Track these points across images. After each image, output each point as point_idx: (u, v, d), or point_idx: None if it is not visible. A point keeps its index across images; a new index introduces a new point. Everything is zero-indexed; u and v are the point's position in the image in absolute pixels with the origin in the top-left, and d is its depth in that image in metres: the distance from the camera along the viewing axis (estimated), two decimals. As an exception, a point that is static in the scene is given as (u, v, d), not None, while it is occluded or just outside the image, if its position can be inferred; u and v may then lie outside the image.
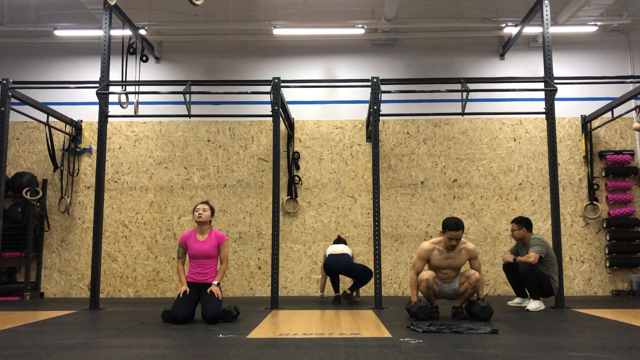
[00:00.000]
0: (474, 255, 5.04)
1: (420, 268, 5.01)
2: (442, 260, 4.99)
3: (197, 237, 5.03)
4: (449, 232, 4.91)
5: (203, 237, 5.02)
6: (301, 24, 7.86)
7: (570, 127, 7.91)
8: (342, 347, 3.51)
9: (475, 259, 5.04)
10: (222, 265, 5.05)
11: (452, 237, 4.90)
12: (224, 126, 8.00)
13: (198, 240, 5.00)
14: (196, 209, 5.04)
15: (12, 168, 7.87)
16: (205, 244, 4.98)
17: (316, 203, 7.82)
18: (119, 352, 3.45)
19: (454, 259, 4.99)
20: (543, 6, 6.38)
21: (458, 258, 5.00)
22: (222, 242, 5.03)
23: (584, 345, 3.60)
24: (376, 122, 6.27)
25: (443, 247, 4.99)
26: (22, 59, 8.28)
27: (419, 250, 5.05)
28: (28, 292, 7.31)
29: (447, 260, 4.99)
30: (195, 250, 4.97)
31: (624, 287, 7.54)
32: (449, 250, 4.98)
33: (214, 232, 5.07)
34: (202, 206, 5.05)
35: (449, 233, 4.90)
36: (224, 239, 5.06)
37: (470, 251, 5.02)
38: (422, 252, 5.03)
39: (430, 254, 5.00)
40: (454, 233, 4.89)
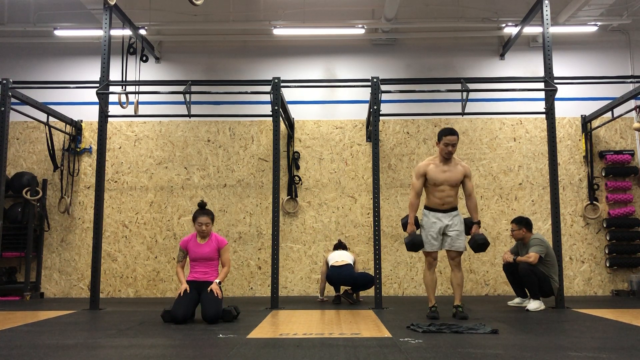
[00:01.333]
0: (469, 173, 5.11)
1: (419, 187, 5.09)
2: (438, 173, 5.02)
3: (197, 241, 5.07)
4: (444, 137, 4.97)
5: (203, 240, 5.07)
6: (301, 24, 7.86)
7: (570, 127, 7.91)
8: (342, 347, 3.51)
9: (469, 177, 5.10)
10: (224, 268, 5.09)
11: (448, 142, 4.96)
12: (224, 126, 8.00)
13: (199, 244, 5.05)
14: (198, 222, 5.02)
15: (12, 168, 7.87)
16: (206, 247, 5.04)
17: (316, 203, 7.82)
18: (119, 352, 3.45)
19: (450, 172, 5.02)
20: (543, 6, 6.38)
21: (454, 172, 5.03)
22: (222, 247, 5.08)
23: (584, 345, 3.60)
24: (376, 122, 6.27)
25: (439, 160, 5.05)
26: (22, 59, 8.28)
27: (416, 168, 5.14)
28: (28, 292, 7.31)
29: (444, 174, 5.02)
30: (196, 254, 5.03)
31: (624, 287, 7.54)
32: (445, 162, 5.02)
33: (214, 236, 5.11)
34: (205, 219, 5.02)
35: (445, 139, 4.97)
36: (224, 243, 5.10)
37: (465, 167, 5.10)
38: (419, 168, 5.11)
39: (426, 169, 5.05)
40: (450, 137, 4.95)
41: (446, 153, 4.99)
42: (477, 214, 5.17)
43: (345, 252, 6.58)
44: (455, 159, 5.12)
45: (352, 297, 6.32)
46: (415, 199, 5.10)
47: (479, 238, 5.02)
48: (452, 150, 5.00)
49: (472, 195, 5.13)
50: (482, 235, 5.05)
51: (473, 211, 5.14)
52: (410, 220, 5.07)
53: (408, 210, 5.18)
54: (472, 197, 5.13)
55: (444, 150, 4.99)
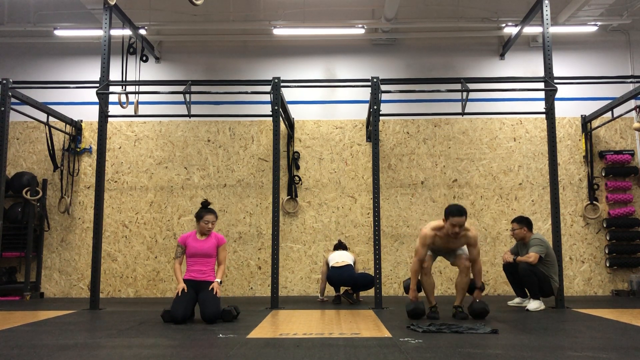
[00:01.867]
0: (473, 242, 4.95)
1: (423, 255, 5.00)
2: (442, 245, 5.02)
3: (197, 236, 5.10)
4: (451, 218, 4.83)
5: (203, 237, 5.10)
6: (301, 24, 7.85)
7: (570, 127, 7.91)
8: (342, 347, 3.51)
9: (473, 246, 4.95)
10: (220, 266, 5.09)
11: (455, 223, 4.82)
12: (224, 126, 8.00)
13: (198, 240, 5.07)
14: (204, 220, 5.04)
15: (12, 168, 7.87)
16: (205, 243, 5.05)
17: (316, 203, 7.82)
18: (119, 352, 3.45)
19: (454, 244, 5.00)
20: (543, 6, 6.37)
21: (459, 243, 5.00)
22: (221, 244, 5.11)
23: (584, 345, 3.60)
24: (376, 122, 6.27)
25: (444, 234, 4.94)
26: (22, 59, 8.28)
27: (421, 237, 5.00)
28: (28, 292, 7.31)
29: (447, 245, 5.01)
30: (194, 249, 5.02)
31: (624, 287, 7.54)
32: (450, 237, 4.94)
33: (214, 233, 5.14)
34: (211, 218, 5.07)
35: (452, 219, 4.83)
36: (223, 240, 5.15)
37: (470, 238, 4.95)
38: (425, 239, 4.97)
39: (433, 240, 4.99)
40: (457, 219, 4.81)
41: (452, 234, 4.87)
42: (480, 279, 5.07)
43: (346, 253, 6.58)
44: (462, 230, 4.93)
45: (352, 297, 6.32)
46: (417, 265, 5.02)
47: (476, 305, 4.91)
48: (458, 232, 4.86)
49: (477, 261, 5.01)
50: (482, 303, 4.94)
51: (476, 276, 5.04)
52: (412, 287, 5.02)
53: (410, 273, 5.14)
54: (477, 263, 5.01)
55: (450, 231, 4.86)
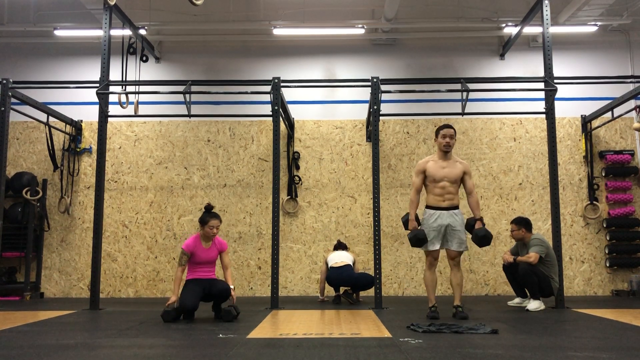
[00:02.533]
0: (468, 170, 5.15)
1: (419, 184, 5.15)
2: (437, 169, 5.06)
3: (202, 245, 5.10)
4: (441, 131, 5.08)
5: (208, 245, 5.13)
6: (301, 24, 7.86)
7: (570, 127, 7.91)
8: (342, 347, 3.51)
9: (469, 175, 5.13)
10: (228, 271, 5.16)
11: (445, 134, 5.04)
12: (224, 126, 8.00)
13: (205, 249, 5.10)
14: (209, 225, 5.03)
15: (12, 168, 7.87)
16: (211, 251, 5.13)
17: (316, 203, 7.82)
18: (119, 352, 3.45)
19: (449, 168, 5.06)
20: (543, 6, 6.38)
21: (453, 168, 5.07)
22: (223, 250, 5.19)
23: (584, 345, 3.60)
24: (376, 122, 6.27)
25: (438, 156, 5.10)
26: (22, 59, 8.28)
27: (416, 167, 5.22)
28: (28, 292, 7.31)
29: (443, 170, 5.05)
30: (201, 259, 5.10)
31: (624, 287, 7.54)
32: (444, 159, 5.06)
33: (217, 239, 5.19)
34: (216, 223, 5.07)
35: (442, 132, 5.08)
36: (225, 247, 5.22)
37: (464, 164, 5.16)
38: (418, 166, 5.17)
39: (425, 166, 5.11)
40: (446, 130, 5.05)
41: (444, 145, 5.03)
42: (479, 210, 5.18)
43: (345, 253, 6.57)
44: (454, 157, 5.19)
45: (352, 297, 6.32)
46: (415, 196, 5.14)
47: (479, 231, 5.03)
48: (450, 142, 5.04)
49: (473, 193, 5.17)
50: (483, 229, 5.05)
51: (474, 208, 5.16)
52: (411, 217, 5.10)
53: (409, 207, 5.20)
54: (473, 194, 5.16)
55: (442, 143, 5.05)
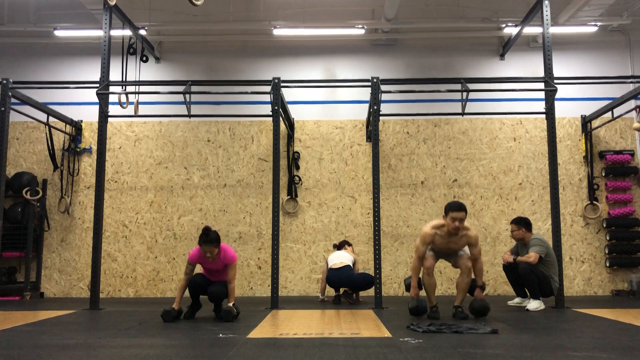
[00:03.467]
0: (474, 242, 4.98)
1: (423, 253, 5.04)
2: (443, 244, 5.02)
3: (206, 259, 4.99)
4: (451, 213, 4.89)
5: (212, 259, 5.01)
6: (301, 24, 7.85)
7: (570, 127, 7.91)
8: (342, 347, 3.51)
9: (474, 245, 4.98)
10: (230, 285, 5.00)
11: (455, 217, 4.86)
12: (224, 126, 8.00)
13: (208, 262, 5.01)
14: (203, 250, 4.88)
15: (12, 168, 7.87)
16: (216, 264, 5.04)
17: (316, 203, 7.82)
18: (119, 352, 3.45)
19: (455, 244, 5.01)
20: (543, 6, 6.37)
21: (459, 243, 5.01)
22: (230, 264, 5.02)
23: (584, 345, 3.60)
24: (376, 122, 6.27)
25: (445, 231, 4.97)
26: (22, 59, 8.28)
27: (422, 235, 5.04)
28: (28, 292, 7.31)
29: (448, 245, 5.01)
30: (207, 268, 5.12)
31: (624, 287, 7.54)
32: (451, 235, 4.96)
33: (223, 254, 5.00)
34: (209, 249, 4.88)
35: (452, 214, 4.88)
36: (233, 260, 5.03)
37: (470, 238, 4.99)
38: (425, 237, 5.02)
39: (433, 239, 5.01)
40: (457, 213, 4.87)
41: (453, 229, 4.90)
42: (481, 278, 5.09)
43: (345, 254, 6.53)
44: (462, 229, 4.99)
45: (352, 297, 6.32)
46: (418, 263, 5.08)
47: (475, 304, 4.94)
48: (459, 226, 4.89)
49: (479, 260, 5.04)
50: (480, 302, 4.95)
51: (477, 275, 5.07)
52: (413, 284, 5.07)
53: (411, 272, 5.18)
54: (478, 262, 5.04)
55: (451, 226, 4.89)
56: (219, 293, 5.00)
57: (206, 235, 4.88)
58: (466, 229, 4.98)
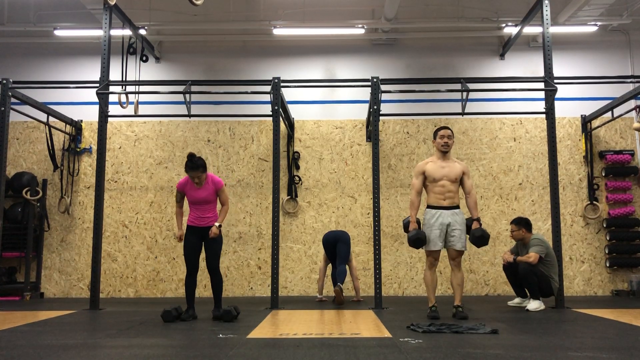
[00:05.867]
0: (467, 170, 5.21)
1: (418, 186, 5.18)
2: (437, 169, 5.11)
3: (194, 185, 5.01)
4: (439, 132, 5.16)
5: (200, 185, 5.01)
6: (301, 24, 7.85)
7: (570, 127, 7.91)
8: (342, 347, 3.51)
9: (467, 175, 5.19)
10: (223, 207, 5.11)
11: (443, 134, 5.12)
12: (224, 126, 8.00)
13: (195, 188, 5.01)
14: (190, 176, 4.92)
15: (12, 168, 7.87)
16: (203, 191, 5.01)
17: (316, 203, 7.82)
18: (119, 352, 3.45)
19: (449, 168, 5.11)
20: (543, 6, 6.38)
21: (452, 167, 5.13)
22: (218, 188, 5.06)
23: (584, 345, 3.60)
24: (376, 122, 6.27)
25: (436, 156, 5.18)
26: (22, 59, 8.28)
27: (415, 169, 5.28)
28: (28, 292, 7.31)
29: (443, 170, 5.10)
30: (193, 197, 5.05)
31: (624, 287, 7.54)
32: (443, 159, 5.12)
33: (210, 179, 5.04)
34: (195, 174, 4.90)
35: (439, 133, 5.16)
36: (221, 184, 5.07)
37: (463, 164, 5.22)
38: (418, 168, 5.23)
39: (425, 167, 5.17)
40: (444, 131, 5.14)
41: (443, 145, 5.11)
42: (477, 211, 5.23)
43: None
44: (453, 158, 5.26)
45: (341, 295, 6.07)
46: (415, 198, 5.17)
47: (476, 231, 5.07)
48: (448, 142, 5.12)
49: (472, 193, 5.21)
50: (480, 229, 5.08)
51: (472, 208, 5.20)
52: (412, 219, 5.13)
53: (409, 209, 5.22)
54: (472, 195, 5.21)
55: (440, 143, 5.13)
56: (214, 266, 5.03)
57: (191, 162, 4.89)
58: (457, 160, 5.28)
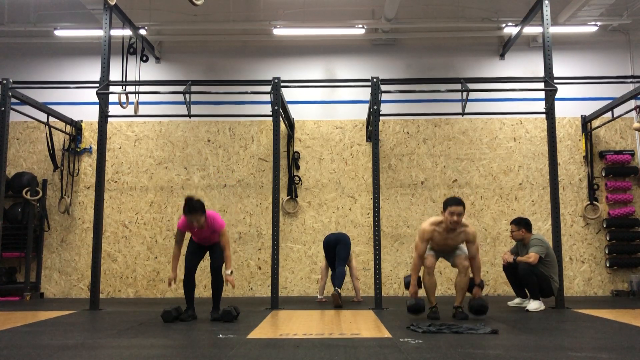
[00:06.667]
0: (472, 239, 4.98)
1: (422, 250, 5.02)
2: (441, 241, 5.02)
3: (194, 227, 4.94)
4: (450, 207, 4.90)
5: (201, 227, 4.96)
6: (301, 24, 7.85)
7: (570, 127, 7.91)
8: (342, 347, 3.51)
9: (471, 242, 4.98)
10: (225, 254, 5.00)
11: (454, 211, 4.87)
12: (224, 126, 8.00)
13: (197, 230, 4.95)
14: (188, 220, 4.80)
15: (12, 168, 7.87)
16: (207, 231, 4.97)
17: (316, 203, 7.82)
18: (119, 352, 3.45)
19: (453, 240, 5.01)
20: (543, 6, 6.38)
21: (457, 239, 5.01)
22: (219, 230, 4.99)
23: (584, 345, 3.60)
24: (376, 122, 6.27)
25: (443, 228, 4.97)
26: (22, 59, 8.28)
27: (420, 232, 5.04)
28: (28, 292, 7.31)
29: (446, 241, 5.01)
30: (196, 237, 5.06)
31: (624, 287, 7.54)
32: (449, 231, 4.96)
33: (211, 222, 4.93)
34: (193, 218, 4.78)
35: (450, 208, 4.89)
36: (221, 227, 4.98)
37: (468, 234, 4.99)
38: (424, 234, 5.01)
39: (431, 235, 5.01)
40: (455, 207, 4.88)
41: (451, 223, 4.89)
42: (479, 276, 5.08)
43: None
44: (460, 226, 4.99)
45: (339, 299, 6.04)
46: (418, 261, 5.05)
47: (474, 302, 4.97)
48: (457, 220, 4.88)
49: (476, 258, 5.03)
50: (479, 300, 4.97)
51: (475, 273, 5.06)
52: (413, 282, 5.05)
53: (411, 271, 5.16)
54: (476, 259, 5.03)
55: (449, 220, 4.89)
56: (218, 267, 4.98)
57: (189, 205, 4.78)
58: (464, 225, 4.98)
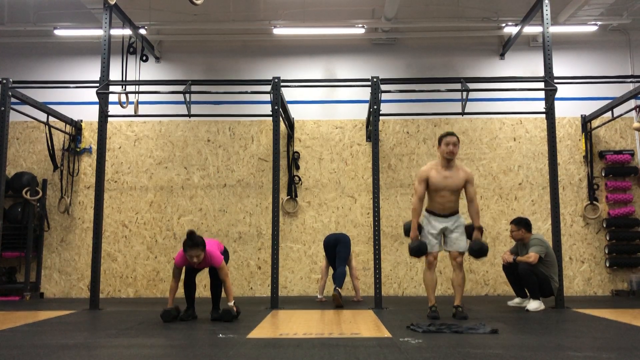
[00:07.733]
0: (471, 179, 5.08)
1: (422, 192, 5.06)
2: (440, 179, 5.01)
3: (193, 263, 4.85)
4: (444, 139, 5.00)
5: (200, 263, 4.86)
6: (301, 24, 7.85)
7: (570, 127, 7.91)
8: (342, 347, 3.50)
9: (471, 183, 5.07)
10: (225, 285, 4.86)
11: (449, 141, 4.96)
12: (224, 126, 8.00)
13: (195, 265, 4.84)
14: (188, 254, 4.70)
15: (12, 168, 7.87)
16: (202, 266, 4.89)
17: (316, 203, 7.82)
18: (119, 352, 3.45)
19: (452, 179, 5.01)
20: (543, 6, 6.37)
21: (456, 178, 5.02)
22: (217, 266, 4.85)
23: (584, 345, 3.60)
24: (376, 121, 6.27)
25: (441, 165, 5.04)
26: (22, 59, 8.28)
27: (418, 173, 5.14)
28: (28, 292, 7.31)
29: (446, 180, 5.01)
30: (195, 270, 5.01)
31: (624, 287, 7.54)
32: (447, 167, 5.00)
33: (209, 257, 4.82)
34: (194, 253, 4.68)
35: (445, 139, 4.99)
36: (218, 263, 4.82)
37: (467, 172, 5.09)
38: (421, 173, 5.08)
39: (428, 174, 5.04)
40: (449, 138, 4.98)
41: (448, 153, 4.97)
42: (479, 219, 5.14)
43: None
44: (457, 164, 5.12)
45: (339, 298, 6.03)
46: (418, 204, 5.08)
47: (474, 244, 5.01)
48: (453, 150, 4.97)
49: (474, 201, 5.10)
50: (479, 242, 5.01)
51: (474, 216, 5.12)
52: (413, 226, 5.06)
53: (411, 215, 5.16)
54: (474, 203, 5.10)
55: (445, 150, 4.98)
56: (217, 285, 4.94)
57: (191, 240, 4.66)
58: (462, 166, 5.12)
